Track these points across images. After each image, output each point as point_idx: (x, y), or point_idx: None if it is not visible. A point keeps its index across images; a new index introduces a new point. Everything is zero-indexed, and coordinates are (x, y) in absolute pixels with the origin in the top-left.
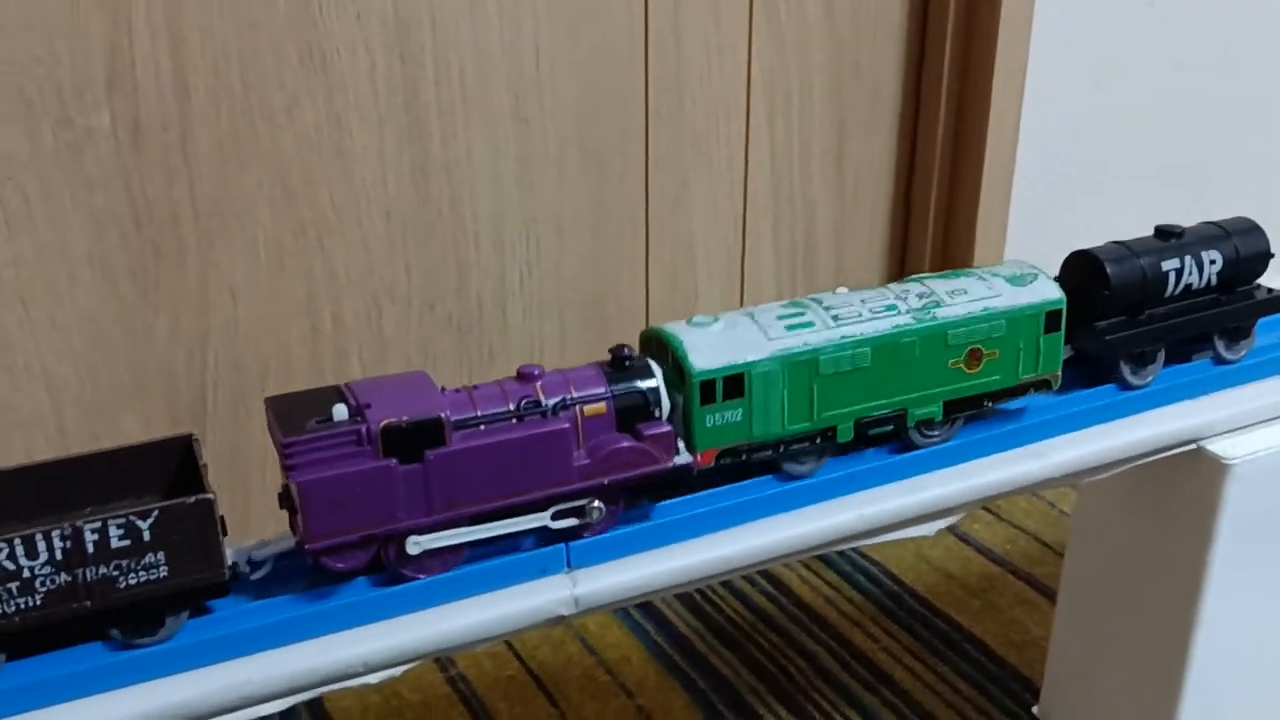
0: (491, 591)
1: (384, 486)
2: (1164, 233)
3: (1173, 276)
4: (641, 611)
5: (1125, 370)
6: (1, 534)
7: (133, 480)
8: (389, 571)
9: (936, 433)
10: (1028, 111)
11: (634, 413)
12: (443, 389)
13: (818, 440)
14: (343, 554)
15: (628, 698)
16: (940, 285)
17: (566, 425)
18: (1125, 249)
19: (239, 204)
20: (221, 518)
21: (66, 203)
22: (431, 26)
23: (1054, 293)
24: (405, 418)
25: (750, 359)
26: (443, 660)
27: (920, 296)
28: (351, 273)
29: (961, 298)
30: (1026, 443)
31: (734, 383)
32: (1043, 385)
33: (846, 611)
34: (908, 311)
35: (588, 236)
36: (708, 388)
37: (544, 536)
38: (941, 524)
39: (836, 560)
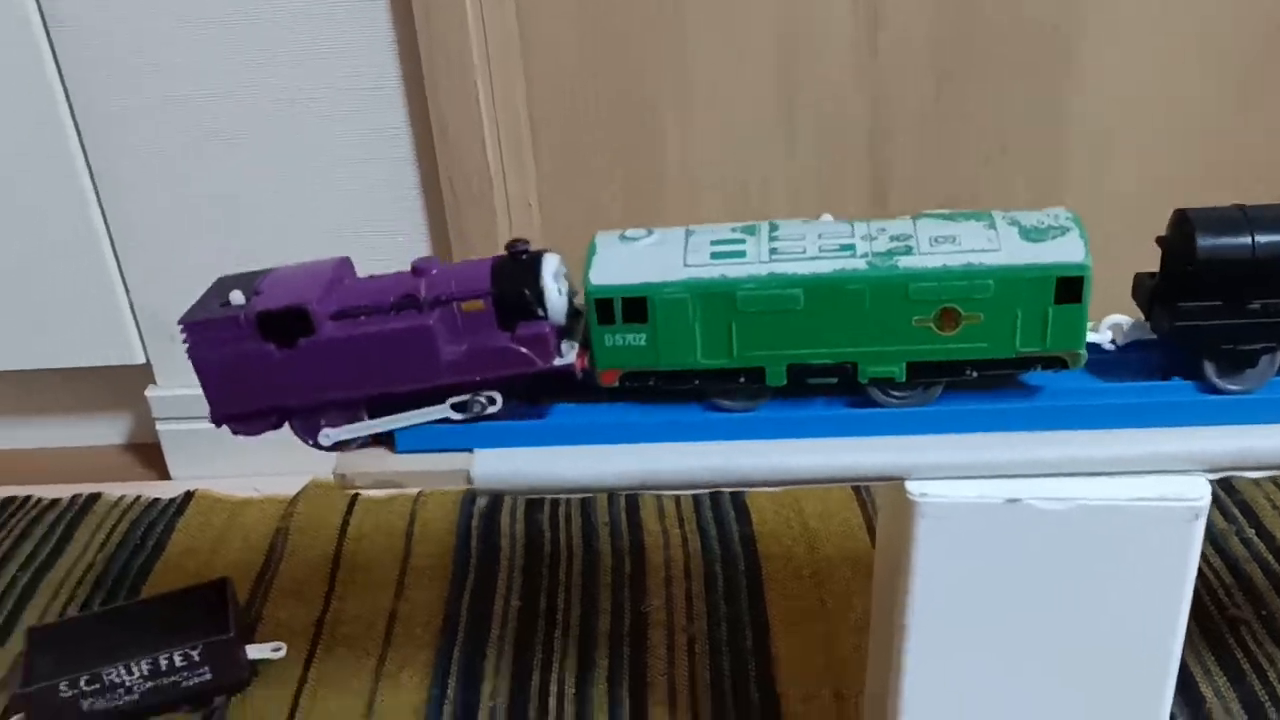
0: None
1: (263, 368)
2: None
3: None
4: None
5: (1209, 368)
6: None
7: (192, 614)
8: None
9: (903, 394)
10: None
11: (517, 310)
12: (371, 277)
13: (742, 379)
14: (248, 423)
15: None
16: (929, 229)
17: (430, 322)
18: (1241, 215)
19: None
20: None
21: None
22: None
23: (1074, 255)
24: (275, 306)
25: (653, 282)
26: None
27: (893, 239)
28: None
29: (944, 246)
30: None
31: (634, 305)
32: (1055, 362)
33: None
34: (864, 255)
35: None
36: (604, 306)
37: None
38: None
39: None
